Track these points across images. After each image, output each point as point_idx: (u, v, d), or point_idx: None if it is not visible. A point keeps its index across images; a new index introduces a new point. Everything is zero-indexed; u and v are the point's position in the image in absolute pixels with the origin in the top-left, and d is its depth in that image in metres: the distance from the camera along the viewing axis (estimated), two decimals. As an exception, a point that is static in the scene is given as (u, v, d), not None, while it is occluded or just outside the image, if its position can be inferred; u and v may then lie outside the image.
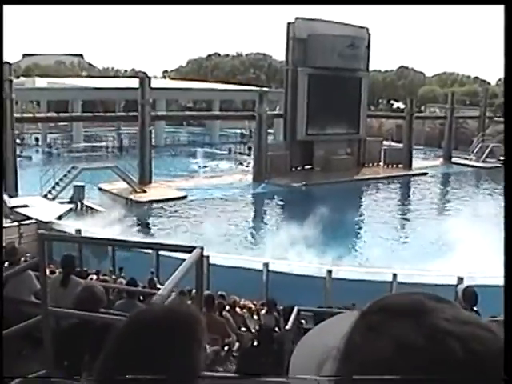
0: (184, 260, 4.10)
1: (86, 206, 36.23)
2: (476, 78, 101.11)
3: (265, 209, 42.93)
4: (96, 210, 35.45)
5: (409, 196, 50.88)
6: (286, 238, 28.92)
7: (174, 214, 38.35)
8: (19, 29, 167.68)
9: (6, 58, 38.36)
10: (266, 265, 23.02)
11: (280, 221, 37.22)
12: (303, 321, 12.28)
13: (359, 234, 37.19)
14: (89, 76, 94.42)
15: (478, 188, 55.40)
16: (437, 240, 33.93)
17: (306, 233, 29.31)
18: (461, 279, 21.51)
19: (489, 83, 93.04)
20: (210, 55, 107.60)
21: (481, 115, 69.50)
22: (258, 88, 66.27)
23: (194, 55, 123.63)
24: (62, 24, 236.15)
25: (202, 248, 4.11)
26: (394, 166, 56.81)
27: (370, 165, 55.99)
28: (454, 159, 65.09)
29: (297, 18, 50.74)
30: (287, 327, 8.01)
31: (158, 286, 15.36)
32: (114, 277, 18.19)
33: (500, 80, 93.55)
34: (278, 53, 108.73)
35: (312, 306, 14.35)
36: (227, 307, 12.86)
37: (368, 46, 55.37)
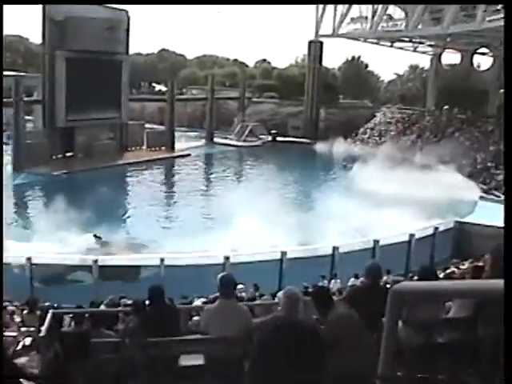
0: None
1: None
2: (235, 60, 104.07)
3: (26, 199, 41.08)
4: None
5: (173, 177, 51.44)
6: (48, 227, 27.82)
7: None
8: None
9: None
10: (29, 259, 21.70)
11: (42, 210, 35.76)
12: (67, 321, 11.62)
13: (126, 216, 36.83)
14: None
15: (240, 166, 57.40)
16: (204, 217, 34.81)
17: (70, 219, 28.38)
18: (227, 258, 22.14)
19: (247, 65, 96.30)
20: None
21: (240, 96, 71.73)
22: (13, 73, 63.11)
23: None
24: None
25: None
26: (157, 148, 57.18)
27: (133, 149, 55.85)
28: (215, 139, 66.79)
29: (52, -1, 48.71)
30: (41, 334, 7.49)
31: None
32: None
33: (258, 62, 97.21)
34: (35, 35, 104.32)
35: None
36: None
37: (128, 29, 54.82)
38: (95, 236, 28.40)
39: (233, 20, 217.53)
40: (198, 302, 14.46)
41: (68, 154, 50.46)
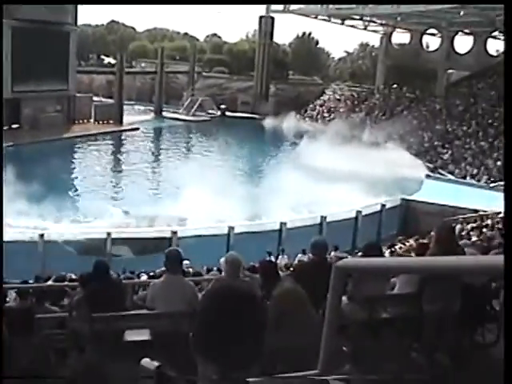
0: None
1: None
2: (185, 34, 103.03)
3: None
4: None
5: (121, 151, 50.81)
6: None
7: None
8: None
9: None
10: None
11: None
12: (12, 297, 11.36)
13: (75, 190, 36.32)
14: None
15: (189, 140, 57.19)
16: (152, 191, 34.68)
17: (18, 193, 27.82)
18: (174, 233, 22.14)
19: (197, 39, 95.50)
20: None
21: (190, 70, 71.23)
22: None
23: None
24: None
25: None
26: (105, 122, 56.31)
27: (81, 122, 54.92)
28: (164, 113, 66.29)
29: (-4, -33, 47.33)
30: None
31: None
32: None
33: (208, 36, 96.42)
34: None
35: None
36: None
37: (75, -1, 53.80)
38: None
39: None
40: (144, 277, 14.39)
41: (14, 126, 49.36)
